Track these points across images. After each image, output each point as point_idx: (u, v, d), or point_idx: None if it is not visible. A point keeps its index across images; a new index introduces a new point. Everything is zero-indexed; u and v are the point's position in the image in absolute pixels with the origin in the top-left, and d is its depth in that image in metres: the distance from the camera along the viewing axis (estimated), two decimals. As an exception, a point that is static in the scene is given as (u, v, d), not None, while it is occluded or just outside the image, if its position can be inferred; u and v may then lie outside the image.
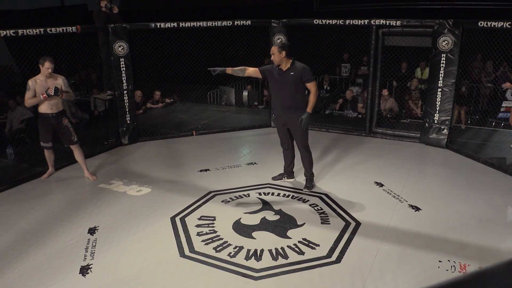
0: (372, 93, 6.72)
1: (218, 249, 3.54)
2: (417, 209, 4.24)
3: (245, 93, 9.39)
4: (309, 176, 4.80)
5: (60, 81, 4.77)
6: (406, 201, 4.42)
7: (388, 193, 4.66)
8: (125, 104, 6.55)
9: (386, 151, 6.16)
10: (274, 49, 4.40)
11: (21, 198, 4.67)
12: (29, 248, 3.61)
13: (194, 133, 7.17)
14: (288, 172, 5.03)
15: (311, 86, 4.49)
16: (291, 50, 4.52)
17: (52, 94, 4.57)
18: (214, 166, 5.56)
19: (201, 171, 5.41)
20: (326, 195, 4.61)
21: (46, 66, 4.58)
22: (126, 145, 6.60)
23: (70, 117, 7.68)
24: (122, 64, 6.36)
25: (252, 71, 4.58)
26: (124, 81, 6.42)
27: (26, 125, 6.69)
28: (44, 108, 4.76)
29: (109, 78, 6.56)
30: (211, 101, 9.97)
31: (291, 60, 4.45)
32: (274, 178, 5.07)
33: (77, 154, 5.05)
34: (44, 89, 4.60)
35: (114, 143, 6.56)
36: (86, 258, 3.44)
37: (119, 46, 6.29)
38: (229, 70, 4.54)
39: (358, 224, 3.94)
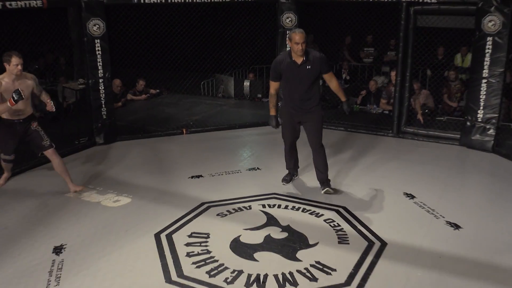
0: (401, 84, 6.69)
1: (212, 273, 3.51)
2: (456, 227, 4.20)
3: (246, 83, 9.37)
4: (327, 178, 4.98)
5: (31, 82, 4.65)
6: (443, 217, 4.38)
7: (420, 206, 4.62)
8: (101, 95, 6.53)
9: (418, 155, 6.11)
10: (303, 37, 4.43)
11: (-28, 209, 4.66)
12: (-19, 270, 3.58)
13: (184, 131, 7.16)
14: (295, 171, 5.35)
15: (331, 77, 4.73)
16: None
17: (16, 98, 4.35)
18: (208, 172, 5.53)
19: (192, 177, 5.38)
20: (345, 208, 4.57)
21: (14, 63, 4.38)
22: (102, 145, 6.58)
23: (33, 111, 7.72)
24: (98, 47, 6.35)
25: (275, 89, 4.78)
26: (99, 68, 6.41)
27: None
28: (8, 114, 4.62)
29: (81, 64, 6.56)
30: (205, 93, 9.96)
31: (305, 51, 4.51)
32: (285, 181, 5.23)
33: (55, 161, 4.86)
34: (11, 92, 4.39)
35: (86, 142, 6.53)
36: (50, 284, 3.40)
37: (94, 25, 6.27)
38: (272, 111, 4.84)
39: (383, 244, 3.90)
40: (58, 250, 3.85)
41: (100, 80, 6.48)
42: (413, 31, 6.48)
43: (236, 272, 3.51)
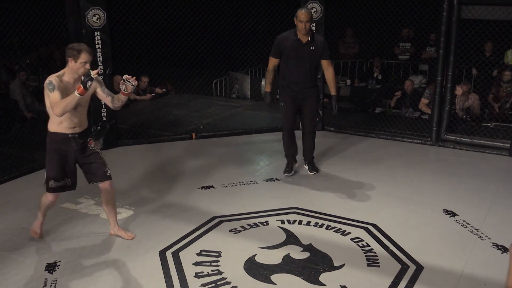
0: (442, 85, 6.67)
1: (223, 297, 3.54)
2: (504, 249, 4.17)
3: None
4: (313, 159, 5.81)
5: (94, 83, 3.98)
6: (489, 238, 4.36)
7: (463, 226, 4.60)
8: (100, 95, 6.61)
9: (461, 167, 6.09)
10: (308, 16, 5.13)
11: (-43, 219, 4.74)
12: (-34, 288, 3.66)
13: (193, 136, 7.21)
14: (295, 159, 5.84)
15: (329, 64, 5.41)
16: (331, 24, 4.61)
17: (90, 83, 3.75)
18: (220, 182, 5.58)
19: (202, 188, 5.43)
20: (375, 226, 4.58)
21: (83, 60, 3.87)
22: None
23: (24, 111, 7.88)
24: (98, 40, 6.45)
25: (273, 65, 5.43)
26: (99, 63, 6.50)
27: None
28: (61, 126, 3.98)
29: (79, 59, 6.64)
30: (218, 93, 10.03)
31: (311, 32, 5.26)
32: (287, 172, 5.74)
33: (108, 195, 4.28)
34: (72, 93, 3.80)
35: (83, 147, 6.62)
36: (42, 305, 3.47)
37: (94, 15, 6.38)
38: (268, 87, 5.54)
39: (419, 268, 3.89)
40: (51, 267, 3.90)
41: (100, 77, 6.55)
42: (457, 24, 6.46)
43: (250, 296, 3.54)
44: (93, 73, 3.74)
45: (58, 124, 3.97)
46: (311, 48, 5.25)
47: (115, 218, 4.43)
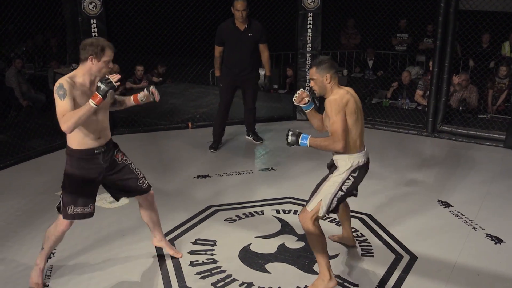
0: (438, 75, 6.67)
1: (218, 285, 3.55)
2: (498, 240, 4.20)
3: (261, 72, 9.35)
4: (255, 130, 6.55)
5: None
6: (483, 229, 4.38)
7: (457, 216, 4.62)
8: (97, 83, 6.59)
9: (456, 158, 6.11)
10: (244, 4, 5.66)
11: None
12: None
13: (190, 125, 7.22)
14: (221, 139, 6.38)
15: (265, 48, 6.02)
16: (328, 14, 4.61)
17: (107, 89, 3.08)
18: (216, 172, 5.59)
19: (198, 177, 5.44)
20: (370, 216, 4.60)
21: (107, 58, 3.24)
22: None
23: (20, 99, 7.85)
24: (94, 28, 6.43)
25: (219, 52, 5.99)
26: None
27: None
28: (86, 139, 3.31)
29: (75, 46, 6.63)
30: (214, 82, 10.00)
31: (247, 19, 5.78)
32: (213, 148, 6.20)
33: (153, 207, 3.81)
34: (88, 98, 3.11)
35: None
36: (38, 292, 3.47)
37: (90, 3, 6.35)
38: (217, 72, 6.15)
39: (413, 258, 3.91)
40: (46, 255, 3.93)
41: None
42: (454, 15, 6.45)
43: (245, 285, 3.55)
44: (114, 79, 3.10)
45: (82, 137, 3.27)
46: (249, 34, 5.84)
47: (159, 229, 3.90)
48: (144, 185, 3.65)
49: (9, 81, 7.86)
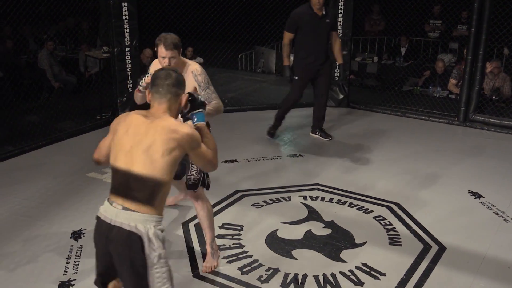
0: (471, 64, 6.56)
1: (245, 270, 3.58)
2: (529, 232, 4.14)
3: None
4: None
5: (191, 82, 3.58)
6: (514, 221, 4.32)
7: (488, 208, 4.56)
8: (127, 66, 6.66)
9: (488, 148, 6.01)
10: None
11: (-17, 186, 4.85)
12: (-7, 253, 3.75)
13: (217, 110, 7.23)
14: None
15: (337, 35, 5.90)
16: None
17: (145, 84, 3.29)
18: (243, 156, 5.61)
19: (226, 162, 5.46)
20: (398, 205, 4.56)
21: (161, 54, 3.33)
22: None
23: (52, 80, 7.96)
24: (125, 11, 6.45)
25: (289, 39, 5.77)
26: (126, 35, 6.53)
27: None
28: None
29: (106, 30, 6.67)
30: (243, 67, 10.01)
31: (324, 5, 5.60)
32: (271, 135, 6.15)
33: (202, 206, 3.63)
34: None
35: (110, 117, 6.67)
36: (67, 272, 3.54)
37: (122, -14, 6.38)
38: (286, 61, 5.90)
39: (442, 248, 3.88)
40: (76, 235, 4.00)
41: (127, 49, 6.59)
42: (490, 1, 6.31)
43: (271, 270, 3.57)
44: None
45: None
46: (327, 21, 5.64)
47: (211, 234, 3.60)
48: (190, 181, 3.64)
49: (42, 62, 7.96)
